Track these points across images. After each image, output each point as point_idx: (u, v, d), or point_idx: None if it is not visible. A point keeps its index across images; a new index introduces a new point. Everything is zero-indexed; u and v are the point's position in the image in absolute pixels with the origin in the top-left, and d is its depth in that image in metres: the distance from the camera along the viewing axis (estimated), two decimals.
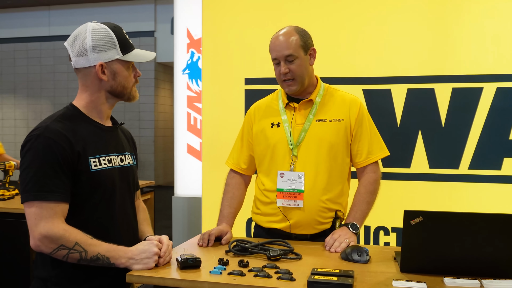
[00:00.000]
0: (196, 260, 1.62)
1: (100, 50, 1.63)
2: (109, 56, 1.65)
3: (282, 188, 2.08)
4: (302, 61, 2.06)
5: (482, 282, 1.48)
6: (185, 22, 5.49)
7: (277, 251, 1.75)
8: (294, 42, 2.04)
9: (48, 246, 1.51)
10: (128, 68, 1.71)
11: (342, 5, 3.17)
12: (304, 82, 2.09)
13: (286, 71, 2.05)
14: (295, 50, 2.04)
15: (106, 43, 1.64)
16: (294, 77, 2.05)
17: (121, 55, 1.67)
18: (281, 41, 2.06)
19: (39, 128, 1.58)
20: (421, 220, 1.52)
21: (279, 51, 2.05)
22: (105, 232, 1.63)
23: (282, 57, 2.05)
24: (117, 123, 1.83)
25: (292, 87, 2.08)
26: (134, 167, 1.85)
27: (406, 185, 3.07)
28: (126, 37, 1.70)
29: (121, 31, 1.69)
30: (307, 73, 2.10)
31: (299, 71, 2.05)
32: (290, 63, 2.04)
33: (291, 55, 2.03)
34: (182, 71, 5.71)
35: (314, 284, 1.44)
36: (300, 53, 2.05)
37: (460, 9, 2.98)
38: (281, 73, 2.06)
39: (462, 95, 2.97)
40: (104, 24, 1.68)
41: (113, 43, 1.65)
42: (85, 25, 1.67)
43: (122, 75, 1.69)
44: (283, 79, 2.08)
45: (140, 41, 12.04)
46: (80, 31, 1.66)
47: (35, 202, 1.52)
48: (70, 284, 1.61)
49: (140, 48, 1.76)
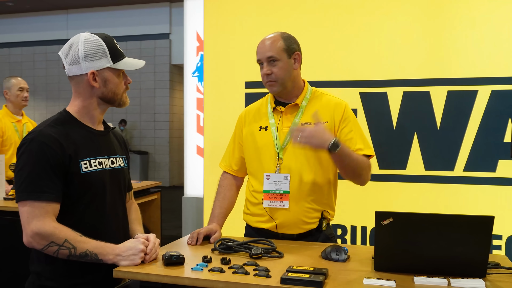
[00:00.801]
0: (179, 257, 1.71)
1: (92, 59, 1.74)
2: (100, 64, 1.75)
3: (268, 189, 2.15)
4: (284, 64, 2.13)
5: (450, 281, 1.54)
6: (194, 25, 5.61)
7: (259, 250, 1.82)
8: (277, 46, 2.13)
9: (39, 242, 1.62)
10: (118, 76, 1.80)
11: (339, 10, 3.23)
12: (287, 85, 2.16)
13: (268, 72, 2.13)
14: (277, 52, 2.12)
15: (97, 52, 1.74)
16: (276, 79, 2.13)
17: (112, 63, 1.77)
18: (265, 44, 2.16)
19: (33, 132, 1.69)
20: (392, 221, 1.58)
21: (262, 53, 2.15)
22: (95, 231, 1.73)
23: (264, 59, 2.14)
24: (109, 127, 1.92)
25: (273, 87, 2.16)
26: (125, 169, 1.94)
27: (401, 186, 3.12)
28: (116, 46, 1.80)
29: (112, 41, 1.79)
30: (290, 76, 2.16)
31: (281, 73, 2.13)
32: (272, 65, 2.12)
33: (273, 57, 2.12)
34: (192, 74, 5.83)
35: (287, 280, 1.52)
36: (282, 56, 2.13)
37: (455, 13, 3.02)
38: (264, 74, 2.15)
39: (457, 98, 3.02)
40: (96, 34, 1.78)
41: (104, 52, 1.75)
42: (78, 36, 1.77)
43: (113, 82, 1.79)
44: (266, 80, 2.16)
45: (156, 44, 12.25)
46: (73, 41, 1.76)
47: (28, 201, 1.62)
48: (63, 279, 1.71)
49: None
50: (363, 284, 1.53)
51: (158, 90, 12.39)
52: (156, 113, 12.49)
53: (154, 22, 12.25)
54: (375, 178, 3.15)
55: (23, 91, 4.15)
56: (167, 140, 12.50)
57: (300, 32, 3.07)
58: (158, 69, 12.29)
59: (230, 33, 3.49)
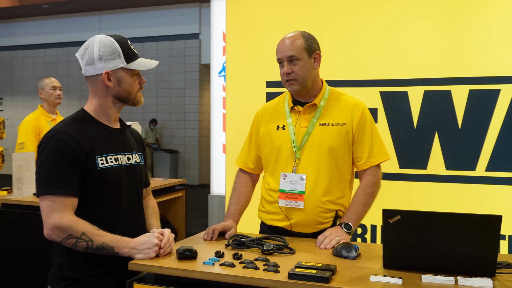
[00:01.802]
0: (192, 252, 1.76)
1: (106, 59, 1.81)
2: (114, 65, 1.82)
3: (284, 189, 2.19)
4: (305, 63, 2.15)
5: (458, 280, 1.54)
6: (221, 25, 5.67)
7: (271, 246, 1.86)
8: (298, 45, 2.14)
9: (58, 235, 1.70)
10: (132, 76, 1.87)
11: (360, 9, 3.23)
12: (306, 84, 2.18)
13: (289, 71, 2.15)
14: (298, 52, 2.14)
15: (111, 53, 1.81)
16: (296, 78, 2.15)
17: (125, 64, 1.83)
18: (285, 43, 2.17)
19: (52, 130, 1.78)
20: (399, 219, 1.60)
21: (282, 52, 2.17)
22: (112, 224, 1.80)
23: (285, 58, 2.15)
24: (125, 125, 1.99)
25: (293, 86, 2.17)
26: (141, 165, 2.01)
27: (422, 186, 3.10)
28: (130, 47, 1.87)
29: (126, 42, 1.86)
30: (310, 76, 2.18)
31: (301, 73, 2.14)
32: (292, 64, 2.14)
33: (293, 56, 2.13)
34: (218, 73, 5.91)
35: (294, 276, 1.55)
36: (303, 56, 2.14)
37: (477, 11, 2.98)
38: (284, 73, 2.16)
39: (479, 97, 2.98)
40: (111, 36, 1.85)
41: (117, 53, 1.82)
42: (93, 38, 1.85)
43: (127, 82, 1.86)
44: (286, 79, 2.18)
45: (186, 44, 12.41)
46: (89, 43, 1.84)
47: (48, 196, 1.71)
48: (81, 269, 1.79)
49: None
50: (369, 281, 1.55)
51: (188, 90, 12.54)
52: (186, 112, 12.65)
53: (184, 22, 12.41)
54: (395, 178, 3.15)
55: (56, 89, 4.30)
56: (197, 139, 12.64)
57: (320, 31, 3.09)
58: (188, 68, 12.44)
59: (252, 33, 3.53)
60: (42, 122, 4.20)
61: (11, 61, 14.45)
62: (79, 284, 1.78)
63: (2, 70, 14.55)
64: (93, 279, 1.79)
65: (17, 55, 14.33)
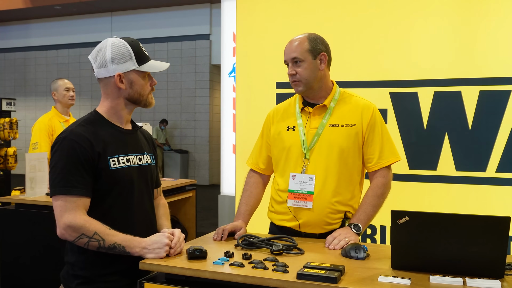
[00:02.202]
0: (202, 252, 1.78)
1: (118, 62, 1.84)
2: (126, 67, 1.85)
3: (293, 189, 2.20)
4: (308, 65, 2.17)
5: (466, 281, 1.54)
6: (231, 26, 5.70)
7: (280, 246, 1.88)
8: (302, 47, 2.18)
9: (71, 234, 1.73)
10: (144, 78, 1.90)
11: (370, 10, 3.24)
12: (312, 85, 2.20)
13: (293, 72, 2.19)
14: (301, 53, 2.17)
15: (123, 55, 1.84)
16: (300, 79, 2.18)
17: (137, 66, 1.86)
18: (291, 45, 2.22)
19: (65, 131, 1.81)
20: (407, 220, 1.60)
21: (287, 54, 2.21)
22: (123, 224, 1.83)
23: (289, 60, 2.20)
24: (137, 126, 2.02)
25: (298, 87, 2.21)
26: (152, 166, 2.03)
27: (432, 187, 3.09)
28: (142, 50, 1.90)
29: (137, 45, 1.89)
30: (315, 77, 2.19)
31: (305, 74, 2.17)
32: (296, 65, 2.18)
33: (296, 58, 2.17)
34: (229, 74, 5.93)
35: (303, 276, 1.57)
36: (306, 57, 2.17)
37: (487, 11, 2.97)
38: (288, 74, 2.21)
39: (489, 98, 2.97)
40: (123, 39, 1.88)
41: (129, 55, 1.85)
42: (106, 40, 1.88)
43: (138, 84, 1.88)
44: (292, 81, 2.21)
45: (196, 44, 12.46)
46: (102, 46, 1.87)
47: (61, 196, 1.74)
48: (93, 268, 1.82)
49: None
50: (377, 281, 1.56)
51: (198, 90, 12.59)
52: (196, 113, 12.69)
53: (194, 23, 12.46)
54: (405, 179, 3.14)
55: (69, 91, 4.35)
56: (207, 139, 12.68)
57: (330, 32, 3.11)
58: (199, 69, 12.49)
59: (262, 34, 3.55)
60: (55, 123, 4.26)
61: (24, 62, 14.60)
62: (91, 283, 1.81)
63: (15, 71, 14.71)
64: (105, 278, 1.82)
65: (30, 56, 14.48)
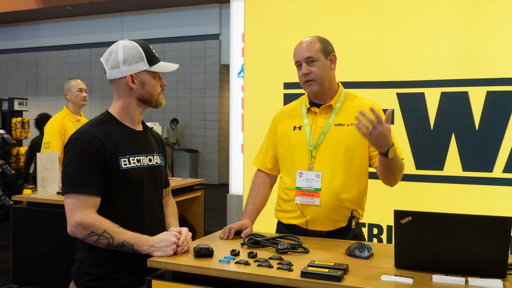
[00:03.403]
0: (208, 250, 1.82)
1: (130, 63, 1.89)
2: (138, 67, 1.89)
3: (301, 186, 2.24)
4: (322, 64, 2.22)
5: (468, 280, 1.56)
6: (240, 27, 5.72)
7: (285, 245, 1.91)
8: (315, 47, 2.22)
9: (81, 232, 1.78)
10: (154, 78, 1.95)
11: (376, 11, 3.25)
12: (324, 84, 2.24)
13: (307, 72, 2.21)
14: (315, 53, 2.21)
15: (135, 57, 1.89)
16: (314, 78, 2.21)
17: (148, 66, 1.91)
18: (302, 46, 2.25)
19: (78, 132, 1.86)
20: (410, 220, 1.63)
21: (300, 54, 2.24)
22: (133, 222, 1.87)
23: (303, 59, 2.22)
24: (147, 127, 2.06)
25: (312, 87, 2.23)
26: (162, 167, 2.07)
27: (439, 187, 3.11)
28: (152, 51, 1.94)
29: (148, 47, 1.94)
30: (327, 76, 2.25)
31: (319, 73, 2.21)
32: (310, 65, 2.21)
33: (311, 57, 2.20)
34: (237, 74, 5.96)
35: (307, 274, 1.59)
36: (320, 57, 2.22)
37: (494, 12, 2.98)
38: (302, 74, 2.22)
39: (496, 98, 2.97)
40: (134, 41, 1.92)
41: (141, 56, 1.89)
42: (117, 43, 1.93)
43: (150, 84, 1.93)
44: (305, 80, 2.24)
45: (206, 44, 12.52)
46: (113, 48, 1.92)
47: (72, 194, 1.79)
48: (103, 265, 1.87)
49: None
50: (380, 280, 1.58)
51: (208, 90, 12.65)
52: (205, 112, 12.76)
53: (204, 23, 12.52)
54: (412, 179, 3.16)
55: (82, 91, 4.41)
56: (216, 138, 12.74)
57: (338, 33, 3.14)
58: (208, 69, 12.55)
59: (270, 35, 3.58)
60: (67, 123, 4.32)
61: (36, 62, 14.76)
62: (101, 280, 1.85)
63: (27, 71, 14.88)
64: (114, 275, 1.86)
65: (41, 56, 14.63)
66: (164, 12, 12.86)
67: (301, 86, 2.30)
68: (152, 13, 13.01)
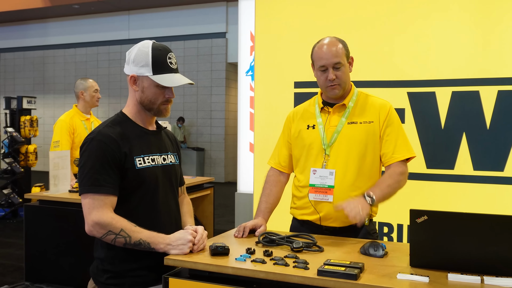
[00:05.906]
0: (225, 248, 1.84)
1: (136, 64, 1.91)
2: (141, 71, 1.91)
3: (314, 183, 2.27)
4: (346, 69, 2.27)
5: (484, 279, 1.57)
6: (248, 25, 5.73)
7: (300, 243, 1.92)
8: (341, 52, 2.24)
9: (98, 231, 1.80)
10: (157, 86, 1.91)
11: (387, 10, 3.25)
12: (346, 87, 2.29)
13: (334, 77, 2.23)
14: (342, 58, 2.24)
15: (141, 60, 1.90)
16: (339, 83, 2.24)
17: (151, 74, 1.90)
18: (329, 50, 2.24)
19: (93, 132, 1.88)
20: (426, 219, 1.64)
21: (327, 59, 2.23)
22: (149, 221, 1.90)
23: (330, 65, 2.23)
24: (161, 127, 2.08)
25: (336, 90, 2.26)
26: (176, 166, 2.10)
27: (449, 186, 3.11)
28: (166, 61, 1.91)
29: (162, 55, 1.91)
30: (349, 80, 2.30)
31: (344, 77, 2.25)
32: (337, 70, 2.23)
33: (339, 62, 2.22)
34: (246, 73, 5.98)
35: (323, 272, 1.61)
36: (345, 61, 2.26)
37: (505, 11, 2.97)
38: (329, 79, 2.23)
39: (508, 98, 2.97)
40: (157, 45, 1.92)
41: (146, 62, 1.89)
42: (142, 42, 1.94)
43: (150, 91, 1.92)
44: (329, 85, 2.25)
45: (212, 43, 12.54)
46: (136, 46, 1.94)
47: (89, 194, 1.81)
48: (122, 263, 1.89)
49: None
50: (396, 278, 1.60)
51: (214, 88, 12.67)
52: (212, 111, 12.79)
53: (211, 21, 12.54)
54: (422, 178, 3.17)
55: (97, 92, 4.45)
56: (223, 137, 12.77)
57: (348, 32, 3.14)
58: (215, 67, 12.58)
59: (281, 34, 3.58)
60: (76, 121, 4.35)
61: (43, 60, 14.82)
62: (119, 277, 1.88)
63: (35, 69, 14.95)
64: (133, 272, 1.88)
65: (48, 55, 14.69)
66: (170, 10, 12.89)
67: (323, 89, 2.32)
68: (158, 11, 13.04)
